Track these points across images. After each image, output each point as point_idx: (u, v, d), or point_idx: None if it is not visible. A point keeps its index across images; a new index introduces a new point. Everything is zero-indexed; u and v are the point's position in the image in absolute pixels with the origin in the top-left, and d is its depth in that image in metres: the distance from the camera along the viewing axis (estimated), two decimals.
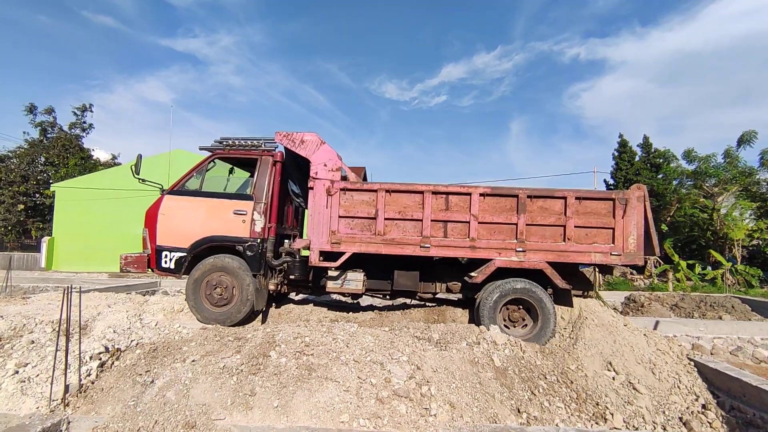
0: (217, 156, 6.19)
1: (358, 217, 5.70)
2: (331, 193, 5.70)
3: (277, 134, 5.96)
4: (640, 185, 5.69)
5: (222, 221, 5.86)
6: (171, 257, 5.87)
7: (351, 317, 6.37)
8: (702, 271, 17.82)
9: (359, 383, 3.77)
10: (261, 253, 5.83)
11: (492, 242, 5.59)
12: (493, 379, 4.23)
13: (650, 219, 5.57)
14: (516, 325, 5.66)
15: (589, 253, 5.53)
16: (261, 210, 5.86)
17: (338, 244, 5.68)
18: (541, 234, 5.58)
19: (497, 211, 5.62)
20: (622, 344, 5.09)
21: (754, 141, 20.25)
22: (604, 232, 5.55)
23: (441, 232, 5.64)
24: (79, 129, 29.53)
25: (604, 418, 4.07)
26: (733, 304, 10.00)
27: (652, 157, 26.05)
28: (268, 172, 5.98)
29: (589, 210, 5.57)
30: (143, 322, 5.56)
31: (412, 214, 5.64)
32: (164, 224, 5.92)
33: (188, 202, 5.99)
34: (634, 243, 5.50)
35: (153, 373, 4.01)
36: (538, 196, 5.60)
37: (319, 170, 5.76)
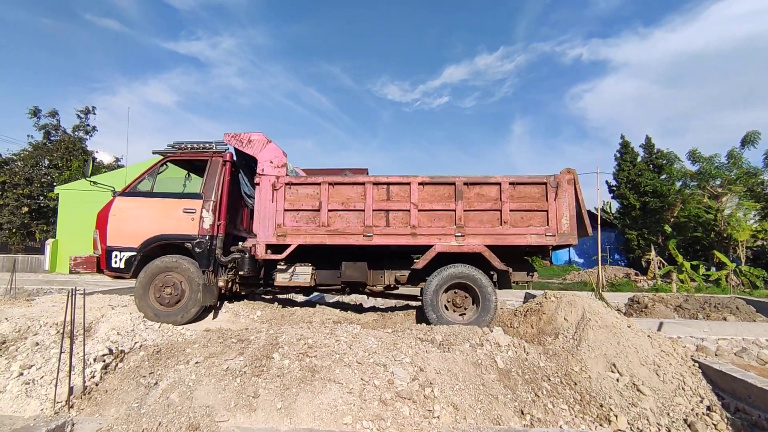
0: (169, 159, 6.33)
1: (303, 210, 5.91)
2: (276, 188, 5.90)
3: (226, 135, 6.17)
4: (570, 169, 5.94)
5: (172, 220, 5.97)
6: (121, 257, 5.93)
7: (354, 318, 6.37)
8: (706, 272, 17.76)
9: (362, 385, 3.77)
10: (210, 249, 5.93)
11: (432, 229, 5.81)
12: (497, 381, 4.22)
13: (582, 201, 5.85)
14: (458, 309, 5.90)
15: (525, 236, 5.80)
16: (210, 208, 5.97)
17: (284, 237, 5.87)
18: (479, 219, 5.83)
19: (436, 199, 5.85)
20: (626, 346, 5.07)
21: (757, 141, 20.19)
22: (538, 214, 5.83)
23: (383, 221, 5.84)
24: (82, 131, 29.70)
25: (608, 419, 4.05)
26: (738, 305, 9.95)
27: (654, 158, 25.97)
28: (218, 171, 6.12)
29: (524, 194, 5.85)
30: (147, 324, 5.57)
31: (355, 205, 5.85)
32: (115, 225, 5.99)
33: (139, 202, 6.10)
34: (567, 224, 5.79)
35: (156, 375, 4.02)
36: (474, 183, 5.87)
37: (265, 167, 5.99)
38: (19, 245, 26.59)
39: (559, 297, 6.04)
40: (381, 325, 5.92)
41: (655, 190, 24.22)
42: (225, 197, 6.14)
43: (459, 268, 5.76)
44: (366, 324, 5.91)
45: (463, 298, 5.91)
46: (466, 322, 5.62)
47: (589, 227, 5.87)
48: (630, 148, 26.94)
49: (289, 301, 8.07)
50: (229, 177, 6.22)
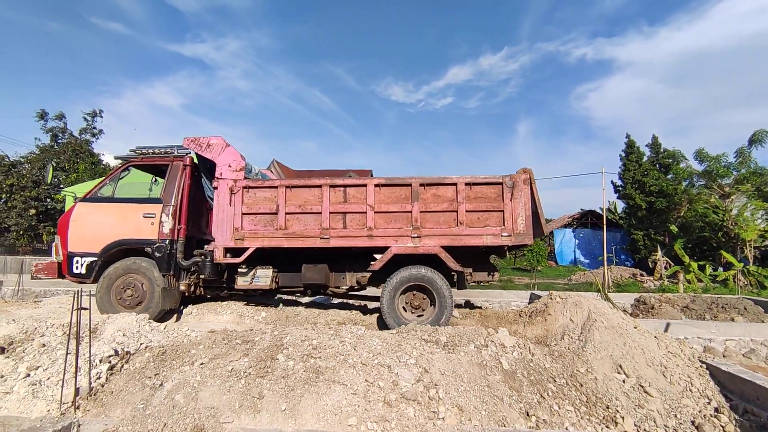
0: (131, 164, 6.38)
1: (261, 213, 5.92)
2: (234, 192, 5.92)
3: (185, 140, 6.20)
4: (526, 168, 5.91)
5: (132, 225, 6.01)
6: (82, 262, 5.97)
7: (358, 319, 6.37)
8: (713, 273, 17.59)
9: (367, 386, 3.76)
10: (170, 253, 5.96)
11: (389, 230, 5.81)
12: (502, 382, 4.20)
13: (538, 201, 5.83)
14: (416, 311, 5.91)
15: (482, 236, 5.80)
16: (169, 212, 6.00)
17: (242, 240, 5.89)
18: (435, 220, 5.83)
19: (392, 201, 5.86)
20: (632, 347, 5.04)
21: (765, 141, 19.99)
22: (494, 215, 5.83)
23: (340, 224, 5.85)
24: (89, 134, 29.89)
25: (615, 421, 4.02)
26: (746, 305, 9.85)
27: (661, 158, 25.79)
28: (178, 176, 6.16)
29: (480, 195, 5.85)
30: (152, 325, 5.59)
31: (312, 208, 5.87)
32: (76, 230, 6.02)
33: (100, 208, 6.13)
34: (523, 224, 5.77)
35: (162, 376, 4.03)
36: (430, 183, 5.86)
37: (223, 171, 6.00)
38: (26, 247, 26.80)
39: (565, 298, 6.01)
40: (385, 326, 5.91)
41: (661, 190, 24.05)
42: (185, 201, 6.16)
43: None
44: (370, 325, 5.91)
45: (421, 300, 5.91)
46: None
47: (544, 227, 5.87)
48: (636, 148, 26.77)
49: (293, 302, 8.09)
50: (190, 181, 6.23)
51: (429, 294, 5.85)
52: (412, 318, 5.81)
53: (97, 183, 6.35)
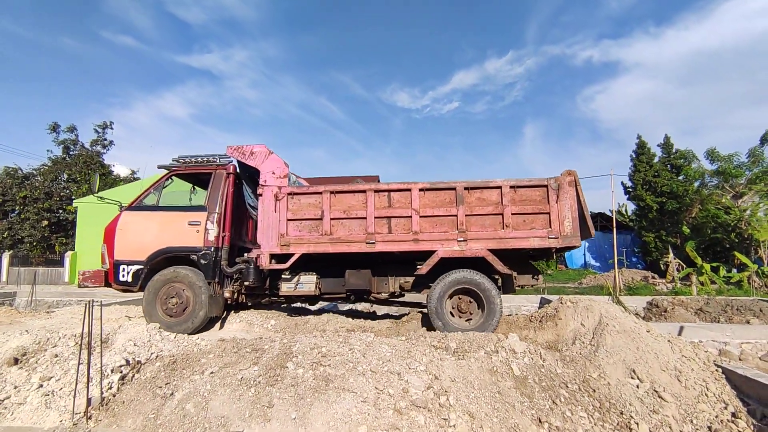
0: (174, 173, 6.46)
1: (306, 219, 5.94)
2: (279, 198, 5.95)
3: (228, 148, 6.24)
4: (570, 171, 5.86)
5: (177, 233, 6.04)
6: (129, 270, 6.02)
7: (367, 326, 6.35)
8: (727, 274, 17.33)
9: (377, 394, 3.74)
10: (215, 261, 5.98)
11: (434, 234, 5.79)
12: (513, 389, 4.15)
13: (584, 202, 5.78)
14: (464, 315, 5.85)
15: (528, 239, 5.74)
16: (214, 220, 6.03)
17: (287, 246, 5.90)
18: (481, 223, 5.79)
19: (437, 205, 5.84)
20: (645, 351, 4.96)
21: None
22: (540, 217, 5.78)
23: (385, 228, 5.84)
24: (100, 146, 30.39)
25: (629, 427, 3.95)
26: (761, 307, 9.66)
27: (672, 158, 25.51)
28: (222, 184, 6.20)
29: (525, 197, 5.81)
30: (162, 334, 5.63)
31: (357, 213, 5.86)
32: (122, 239, 6.09)
33: (145, 216, 6.20)
34: (570, 226, 5.71)
35: (172, 386, 4.05)
36: (475, 187, 5.85)
37: (267, 178, 6.05)
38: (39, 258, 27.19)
39: (575, 302, 5.95)
40: (394, 332, 5.89)
41: (672, 191, 23.79)
42: (229, 209, 6.20)
43: (463, 273, 5.73)
44: (379, 332, 5.89)
45: (468, 304, 5.86)
46: (471, 327, 5.57)
47: (591, 228, 5.81)
48: (647, 149, 26.53)
49: (302, 309, 8.09)
50: (233, 189, 6.29)
51: (476, 298, 5.81)
52: (460, 323, 5.76)
53: (142, 192, 6.41)
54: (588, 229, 5.78)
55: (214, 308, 5.99)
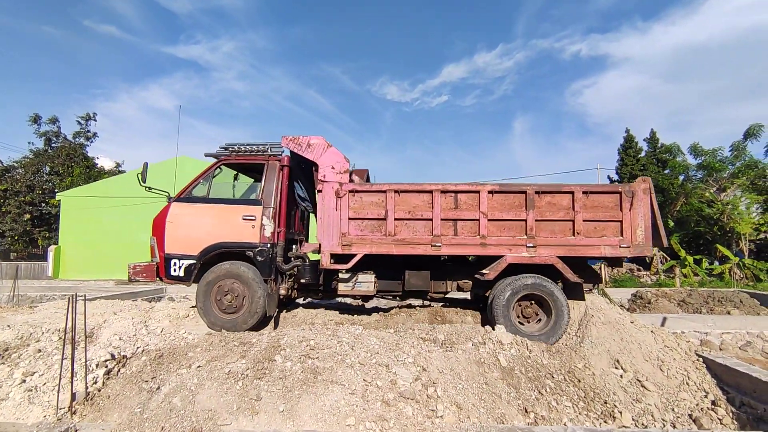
0: (223, 162, 6.17)
1: (368, 219, 5.73)
2: (340, 196, 5.71)
3: (284, 139, 5.96)
4: (645, 178, 5.73)
5: (231, 227, 5.84)
6: (180, 265, 5.83)
7: (356, 320, 6.35)
8: (709, 266, 17.69)
9: (365, 386, 3.76)
10: (271, 258, 5.80)
11: (502, 239, 5.61)
12: (500, 379, 4.20)
13: (656, 210, 5.61)
14: (530, 320, 5.65)
15: (599, 247, 5.58)
16: (270, 215, 5.84)
17: (349, 246, 5.70)
18: (551, 229, 5.62)
19: (506, 208, 5.66)
20: (629, 342, 5.06)
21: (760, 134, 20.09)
22: (612, 225, 5.60)
23: (451, 231, 5.67)
24: (83, 138, 29.78)
25: (613, 416, 4.03)
26: (742, 298, 9.90)
27: (658, 153, 25.87)
28: (276, 176, 5.97)
29: (597, 204, 5.63)
30: (149, 328, 5.58)
31: (422, 214, 5.67)
32: (172, 232, 5.88)
33: (196, 209, 5.97)
34: (642, 234, 5.55)
35: (159, 380, 4.02)
36: (546, 191, 5.66)
37: (327, 173, 5.79)
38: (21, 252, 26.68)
39: None
40: (383, 325, 5.90)
41: (658, 185, 24.14)
42: (284, 203, 6.01)
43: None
44: (368, 325, 5.89)
45: (532, 310, 5.66)
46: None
47: (664, 238, 5.59)
48: (634, 143, 26.86)
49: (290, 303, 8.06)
50: (287, 182, 6.07)
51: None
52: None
53: (190, 182, 6.13)
54: (660, 237, 5.59)
55: (272, 306, 5.83)
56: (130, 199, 21.03)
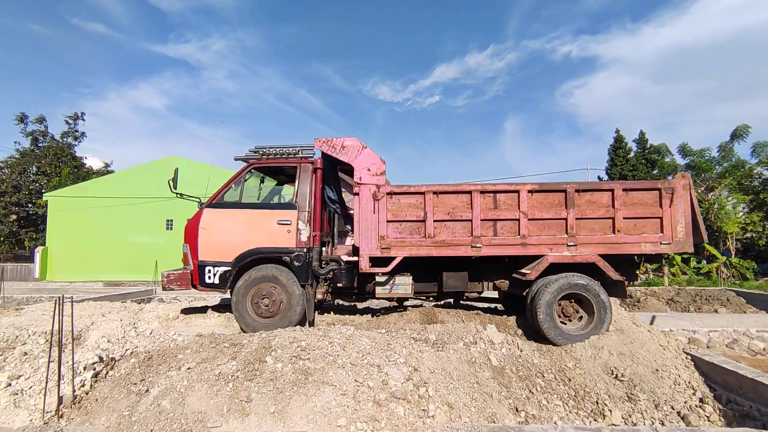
0: (254, 166, 6.08)
1: (407, 221, 5.67)
2: (377, 198, 5.65)
3: (317, 141, 5.91)
4: (684, 174, 5.73)
5: (266, 232, 5.76)
6: (215, 272, 5.71)
7: (347, 320, 6.34)
8: (697, 265, 17.89)
9: (356, 386, 3.75)
10: (308, 262, 5.73)
11: (542, 238, 5.58)
12: (491, 379, 4.22)
13: (696, 206, 5.61)
14: (571, 318, 5.59)
15: (640, 244, 5.56)
16: (305, 219, 5.77)
17: (388, 249, 5.65)
18: (591, 227, 5.59)
19: (546, 207, 5.62)
20: (620, 340, 5.10)
21: (746, 135, 20.40)
22: (652, 221, 5.58)
23: (491, 231, 5.63)
24: (71, 137, 29.44)
25: (603, 414, 4.07)
26: (729, 297, 10.06)
27: (647, 153, 26.15)
28: (309, 179, 5.89)
29: (636, 201, 5.61)
30: (138, 330, 5.52)
31: (461, 215, 5.62)
32: (206, 239, 5.76)
33: (229, 214, 5.86)
34: (683, 231, 5.54)
35: (148, 382, 3.97)
36: (585, 189, 5.64)
37: (363, 175, 5.73)
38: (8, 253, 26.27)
39: None
40: (375, 325, 5.89)
41: None
42: (318, 206, 5.92)
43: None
44: (359, 325, 5.88)
45: (573, 309, 5.59)
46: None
47: (704, 233, 5.60)
48: (624, 143, 27.12)
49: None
50: (321, 185, 6.00)
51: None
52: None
53: (222, 187, 6.01)
54: (701, 233, 5.58)
55: (310, 312, 5.78)
56: (119, 199, 20.82)
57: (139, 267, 19.86)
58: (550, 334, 5.23)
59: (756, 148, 20.50)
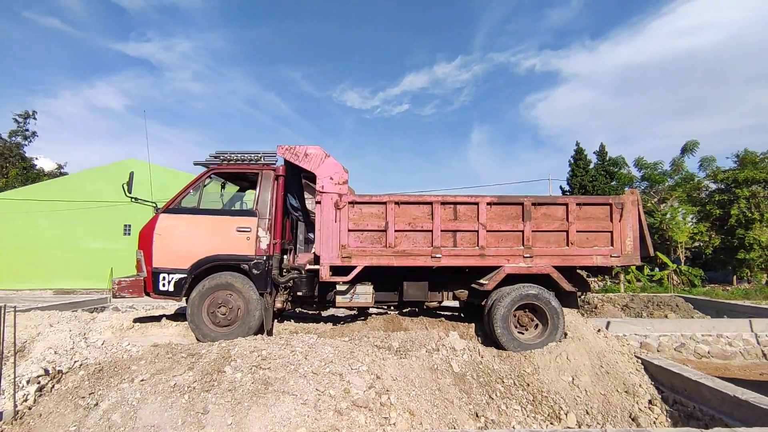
0: (214, 171, 5.96)
1: (369, 230, 5.68)
2: (339, 207, 5.64)
3: (279, 148, 5.84)
4: (633, 190, 6.00)
5: (225, 239, 5.64)
6: (170, 279, 5.55)
7: (311, 328, 6.27)
8: (650, 273, 18.79)
9: (318, 395, 3.71)
10: (267, 270, 5.65)
11: (500, 249, 5.71)
12: (452, 385, 4.27)
13: (644, 221, 5.87)
14: (528, 328, 5.73)
15: (591, 256, 5.77)
16: (266, 226, 5.69)
17: (349, 258, 5.63)
18: (546, 240, 5.76)
19: (504, 219, 5.75)
20: (576, 346, 5.28)
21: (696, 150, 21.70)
22: (603, 235, 5.80)
23: (451, 242, 5.70)
24: (20, 137, 27.88)
25: (559, 417, 4.20)
26: (678, 303, 10.61)
27: (607, 165, 27.27)
28: (271, 186, 5.82)
29: (589, 215, 5.82)
30: (88, 341, 5.27)
31: (422, 225, 5.67)
32: (161, 245, 5.59)
33: (187, 220, 5.71)
34: (631, 244, 5.78)
35: (97, 395, 3.79)
36: (541, 203, 5.82)
37: (325, 184, 5.71)
38: None
39: None
40: (338, 333, 5.86)
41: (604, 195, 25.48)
42: (279, 214, 5.83)
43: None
44: (323, 333, 5.83)
45: (528, 319, 5.75)
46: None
47: (650, 247, 5.86)
48: (584, 155, 28.17)
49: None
50: (282, 192, 5.90)
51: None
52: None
53: (179, 192, 5.81)
54: (647, 247, 5.83)
55: (268, 320, 5.65)
56: (73, 203, 19.83)
57: (94, 274, 18.93)
58: (509, 347, 5.36)
59: (703, 162, 21.84)
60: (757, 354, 6.94)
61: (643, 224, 5.86)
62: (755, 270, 19.69)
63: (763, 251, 18.99)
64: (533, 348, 5.28)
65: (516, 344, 5.39)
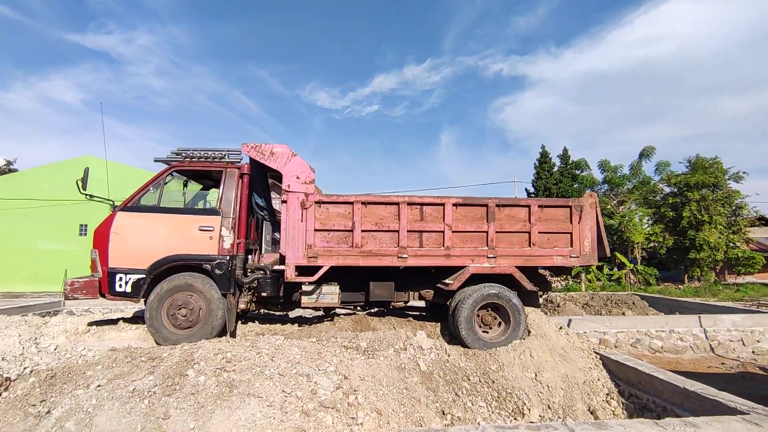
0: (176, 168, 5.76)
1: (335, 230, 5.66)
2: (305, 207, 5.58)
3: (245, 146, 5.72)
4: (591, 193, 6.20)
5: (186, 238, 5.45)
6: (127, 280, 5.32)
7: (278, 330, 6.18)
8: (609, 272, 19.58)
9: (284, 397, 3.66)
10: (230, 271, 5.50)
11: (465, 250, 5.80)
12: (419, 384, 4.31)
13: (602, 223, 6.09)
14: (491, 326, 5.86)
15: (552, 257, 5.94)
16: (229, 225, 5.54)
17: (315, 258, 5.57)
18: (509, 240, 5.90)
19: (469, 220, 5.84)
20: (539, 344, 5.43)
21: (652, 155, 22.78)
22: (563, 236, 5.99)
23: (417, 242, 5.75)
24: None
25: (522, 413, 4.31)
26: (634, 300, 11.11)
27: (570, 168, 28.23)
28: (235, 185, 5.68)
29: (550, 216, 5.99)
30: (40, 346, 5.00)
31: (389, 226, 5.70)
32: (118, 244, 5.35)
33: (146, 218, 5.50)
34: (590, 245, 5.99)
35: (50, 403, 3.60)
36: (505, 204, 5.93)
37: (291, 183, 5.64)
38: None
39: None
40: (306, 334, 5.80)
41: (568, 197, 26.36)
42: (244, 213, 5.68)
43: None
44: (290, 334, 5.76)
45: (491, 318, 5.86)
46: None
47: (607, 248, 6.06)
48: (548, 158, 29.07)
49: None
50: (247, 191, 5.77)
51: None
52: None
53: (138, 189, 5.56)
54: (604, 248, 6.03)
55: (231, 322, 5.49)
56: (24, 201, 18.77)
57: (47, 277, 17.98)
58: (474, 346, 5.48)
59: (659, 167, 22.95)
60: (705, 348, 7.35)
61: (601, 226, 6.08)
62: (705, 269, 20.88)
63: (711, 251, 20.13)
64: (498, 346, 5.41)
65: (481, 343, 5.50)
